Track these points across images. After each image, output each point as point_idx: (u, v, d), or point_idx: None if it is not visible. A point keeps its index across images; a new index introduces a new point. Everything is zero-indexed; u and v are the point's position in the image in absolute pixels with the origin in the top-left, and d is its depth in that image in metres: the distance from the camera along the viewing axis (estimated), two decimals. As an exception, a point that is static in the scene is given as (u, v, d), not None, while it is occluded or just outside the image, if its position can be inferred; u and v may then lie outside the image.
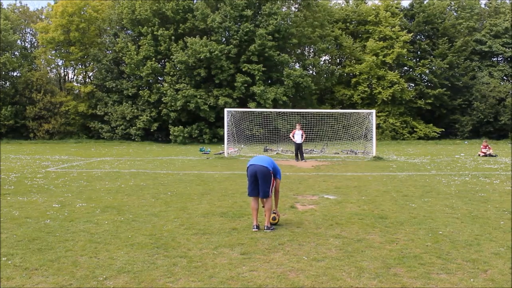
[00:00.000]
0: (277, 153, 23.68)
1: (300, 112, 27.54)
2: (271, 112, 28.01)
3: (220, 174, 14.65)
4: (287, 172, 15.20)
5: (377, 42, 40.77)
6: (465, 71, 42.11)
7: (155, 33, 35.56)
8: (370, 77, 40.79)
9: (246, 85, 34.05)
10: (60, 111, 38.84)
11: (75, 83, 43.48)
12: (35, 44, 44.42)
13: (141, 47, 36.20)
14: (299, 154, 19.92)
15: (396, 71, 41.79)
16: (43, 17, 43.86)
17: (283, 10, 36.81)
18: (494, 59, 45.19)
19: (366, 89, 40.73)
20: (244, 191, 10.90)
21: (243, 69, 34.21)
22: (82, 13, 39.31)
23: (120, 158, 21.58)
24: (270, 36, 34.04)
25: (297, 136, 19.81)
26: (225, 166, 17.17)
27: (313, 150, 23.73)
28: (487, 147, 23.19)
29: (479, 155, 22.86)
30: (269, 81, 36.63)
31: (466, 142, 38.02)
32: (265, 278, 4.94)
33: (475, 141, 37.60)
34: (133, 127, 36.55)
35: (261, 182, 7.10)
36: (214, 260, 5.56)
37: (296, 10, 39.97)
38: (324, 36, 39.75)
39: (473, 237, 6.65)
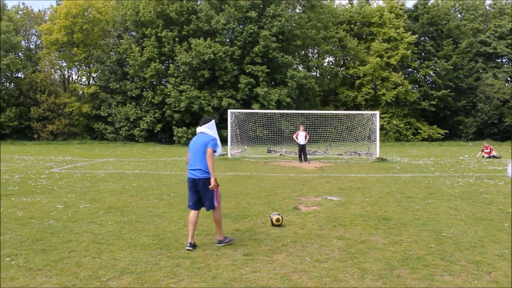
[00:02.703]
0: (280, 154, 23.68)
1: (304, 114, 27.55)
2: (274, 113, 28.02)
3: (223, 175, 14.65)
4: (290, 174, 15.20)
5: (382, 43, 40.73)
6: (469, 72, 42.03)
7: (159, 34, 35.64)
8: (374, 78, 40.73)
9: (249, 86, 34.08)
10: (64, 112, 38.99)
11: (78, 84, 43.63)
12: (40, 45, 44.59)
13: (145, 48, 36.28)
14: (302, 156, 19.91)
15: (400, 72, 41.75)
16: (46, 18, 44.02)
17: (288, 12, 36.79)
18: (498, 60, 45.09)
19: (370, 90, 40.71)
20: (246, 192, 10.92)
21: (247, 71, 34.25)
22: (86, 14, 39.46)
23: (123, 159, 21.63)
24: (274, 38, 34.07)
25: (301, 137, 19.80)
26: (228, 167, 17.17)
27: (317, 152, 23.72)
28: (489, 149, 23.06)
29: (483, 156, 22.76)
30: (273, 83, 36.67)
31: (470, 143, 37.91)
32: (268, 279, 4.94)
33: (479, 142, 37.43)
34: (137, 128, 36.62)
35: (203, 194, 6.14)
36: (217, 261, 5.56)
37: (300, 11, 39.97)
38: (328, 38, 39.73)
39: (477, 239, 6.62)
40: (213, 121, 6.36)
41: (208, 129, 6.27)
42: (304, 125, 20.66)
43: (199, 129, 6.32)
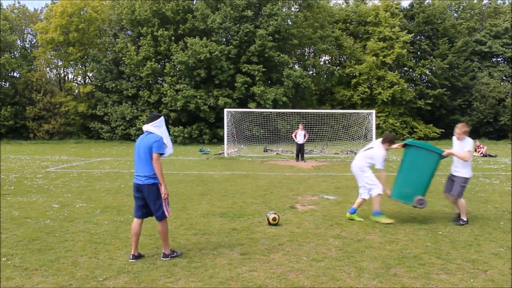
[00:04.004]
0: (277, 153, 23.69)
1: (300, 113, 27.57)
2: (271, 112, 28.01)
3: (220, 174, 14.65)
4: (287, 173, 15.21)
5: (377, 42, 40.76)
6: (465, 71, 42.13)
7: (155, 33, 35.55)
8: (370, 77, 40.76)
9: (246, 85, 34.04)
10: (60, 111, 38.83)
11: (74, 84, 43.49)
12: (35, 44, 44.41)
13: (141, 47, 36.20)
14: (299, 155, 19.91)
15: (396, 71, 41.78)
16: (42, 17, 43.86)
17: (284, 10, 36.76)
18: (494, 59, 45.19)
19: (366, 89, 40.71)
20: (243, 191, 10.92)
21: (243, 70, 34.21)
22: (82, 13, 39.33)
23: (119, 158, 21.59)
24: (270, 37, 34.04)
25: (299, 136, 19.79)
26: (224, 167, 17.17)
27: (313, 151, 23.73)
28: (480, 147, 23.33)
29: (482, 155, 22.90)
30: (269, 82, 36.63)
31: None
32: (264, 279, 4.94)
33: (475, 141, 37.53)
34: (133, 128, 36.53)
35: (149, 202, 5.64)
36: (213, 261, 5.56)
37: (297, 10, 39.96)
38: (324, 37, 39.74)
39: (473, 238, 6.65)
40: (161, 118, 5.79)
41: (155, 128, 5.69)
42: (303, 124, 20.65)
43: (145, 127, 5.73)
